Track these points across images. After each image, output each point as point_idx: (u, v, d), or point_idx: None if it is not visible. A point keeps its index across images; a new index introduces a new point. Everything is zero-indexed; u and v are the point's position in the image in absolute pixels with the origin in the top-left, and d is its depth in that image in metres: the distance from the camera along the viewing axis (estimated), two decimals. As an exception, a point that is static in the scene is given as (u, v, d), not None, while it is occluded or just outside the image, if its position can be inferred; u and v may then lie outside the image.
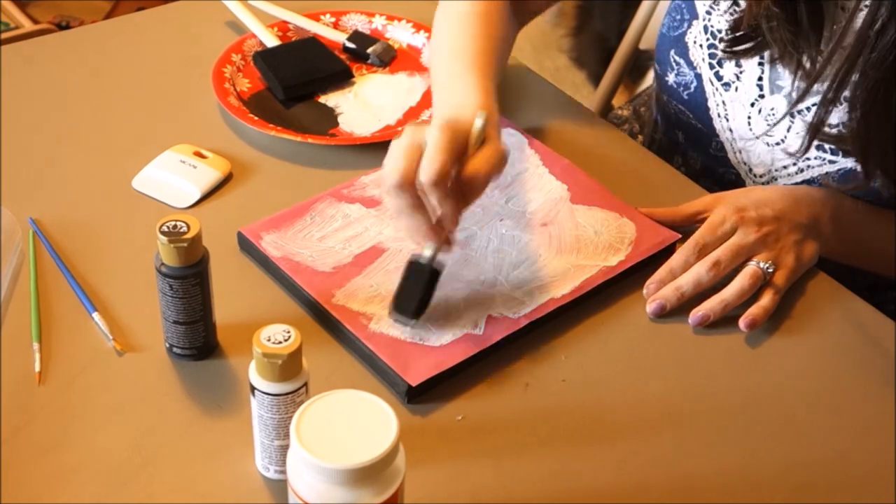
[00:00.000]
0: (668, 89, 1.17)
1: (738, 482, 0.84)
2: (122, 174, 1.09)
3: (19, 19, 2.15)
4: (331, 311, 0.92)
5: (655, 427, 0.87)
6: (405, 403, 0.87)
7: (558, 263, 0.99)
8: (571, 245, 1.01)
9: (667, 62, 1.16)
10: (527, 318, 0.93)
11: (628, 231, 1.02)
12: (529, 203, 1.05)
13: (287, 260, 0.97)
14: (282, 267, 0.97)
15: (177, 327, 0.88)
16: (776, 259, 0.98)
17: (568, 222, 1.03)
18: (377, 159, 1.12)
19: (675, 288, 0.96)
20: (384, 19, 1.32)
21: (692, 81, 1.13)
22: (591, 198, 1.06)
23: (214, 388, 0.89)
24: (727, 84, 1.10)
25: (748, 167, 1.12)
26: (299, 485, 0.70)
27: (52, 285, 0.97)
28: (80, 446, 0.84)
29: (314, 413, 0.70)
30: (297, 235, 1.00)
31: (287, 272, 0.96)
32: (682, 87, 1.14)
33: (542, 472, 0.84)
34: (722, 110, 1.11)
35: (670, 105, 1.18)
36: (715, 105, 1.12)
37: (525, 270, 0.98)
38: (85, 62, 1.27)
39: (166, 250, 0.84)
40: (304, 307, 0.95)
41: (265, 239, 0.99)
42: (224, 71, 1.22)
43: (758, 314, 0.95)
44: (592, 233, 1.02)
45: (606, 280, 0.97)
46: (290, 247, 0.99)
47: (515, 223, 1.03)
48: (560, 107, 1.22)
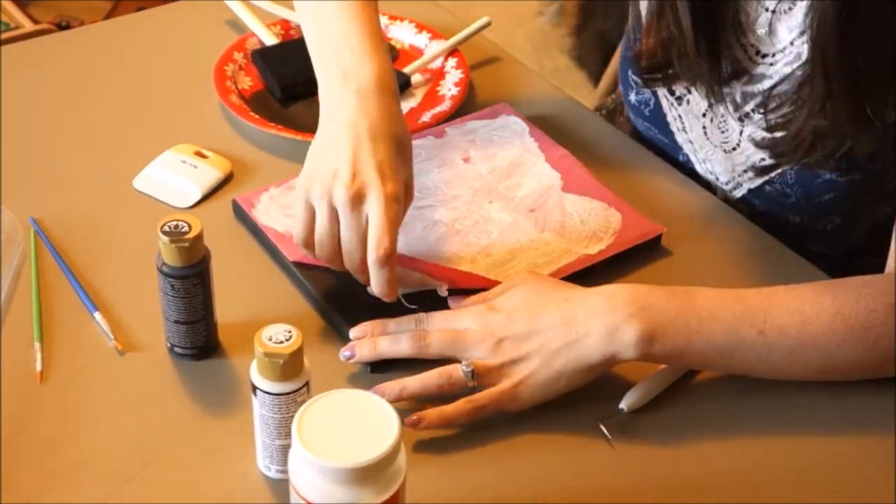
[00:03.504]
0: (633, 108, 1.18)
1: (739, 482, 0.84)
2: (122, 174, 1.09)
3: (19, 19, 2.15)
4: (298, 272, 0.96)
5: (656, 426, 0.87)
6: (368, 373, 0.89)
7: (538, 247, 1.00)
8: (555, 231, 1.02)
9: (627, 83, 1.17)
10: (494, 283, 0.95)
11: (614, 221, 1.02)
12: (521, 188, 1.07)
13: (273, 230, 1.00)
14: (269, 236, 1.00)
15: (178, 327, 0.88)
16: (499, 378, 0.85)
17: (555, 209, 1.04)
18: (378, 159, 1.13)
19: (371, 342, 0.89)
20: (386, 19, 1.31)
21: (650, 99, 1.14)
22: (582, 187, 1.06)
23: (215, 388, 0.89)
24: (679, 98, 1.10)
25: (715, 176, 1.12)
26: (301, 484, 0.69)
27: (53, 285, 0.97)
28: (81, 446, 0.84)
29: (316, 412, 0.70)
30: (290, 192, 1.03)
31: (273, 241, 0.99)
32: (643, 105, 1.15)
33: (542, 471, 0.84)
34: (679, 124, 1.12)
35: (638, 123, 1.19)
36: (673, 119, 1.12)
37: (504, 251, 0.99)
38: (85, 62, 1.27)
39: (168, 250, 0.84)
40: (307, 300, 0.96)
41: (258, 207, 1.03)
42: (226, 69, 1.22)
43: (428, 416, 0.84)
44: (578, 221, 1.03)
45: (584, 268, 0.98)
46: (284, 200, 1.02)
47: (504, 206, 1.04)
48: (560, 107, 1.22)
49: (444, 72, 1.25)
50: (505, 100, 1.19)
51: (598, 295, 0.87)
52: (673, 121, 1.12)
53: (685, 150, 1.14)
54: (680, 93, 1.10)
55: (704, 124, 1.09)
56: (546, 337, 0.85)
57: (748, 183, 1.08)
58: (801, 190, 1.04)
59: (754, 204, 1.09)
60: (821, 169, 1.00)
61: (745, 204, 1.10)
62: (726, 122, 1.07)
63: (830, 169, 1.00)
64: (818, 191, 1.03)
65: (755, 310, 0.85)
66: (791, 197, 1.05)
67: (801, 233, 1.08)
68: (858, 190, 1.01)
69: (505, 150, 1.11)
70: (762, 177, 1.06)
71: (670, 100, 1.11)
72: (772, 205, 1.08)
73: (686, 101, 1.10)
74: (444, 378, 0.86)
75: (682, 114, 1.11)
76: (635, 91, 1.15)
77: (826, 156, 0.97)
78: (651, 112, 1.14)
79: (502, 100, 1.19)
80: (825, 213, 1.06)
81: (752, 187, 1.08)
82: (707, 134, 1.09)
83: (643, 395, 0.88)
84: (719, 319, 0.85)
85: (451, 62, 1.25)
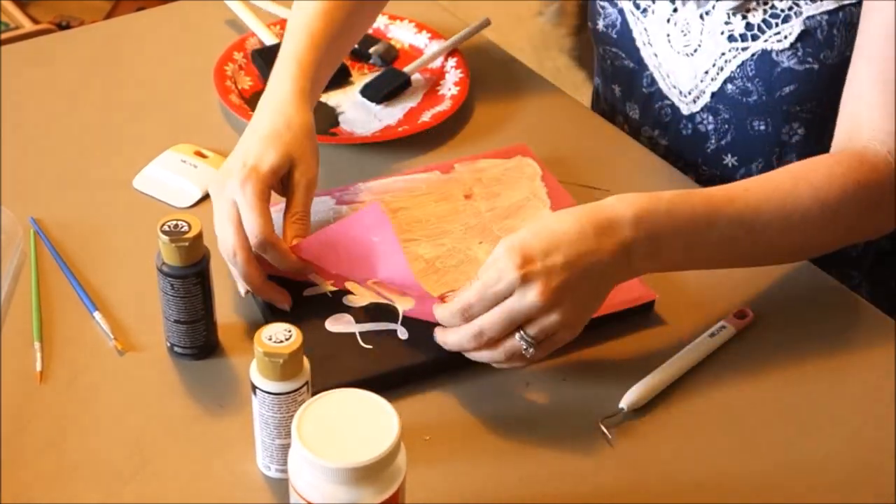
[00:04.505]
0: (600, 37, 1.22)
1: (739, 482, 0.84)
2: (122, 174, 1.09)
3: (19, 19, 2.15)
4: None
5: (656, 426, 0.87)
6: None
7: None
8: None
9: (595, 11, 1.21)
10: None
11: None
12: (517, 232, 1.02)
13: None
14: None
15: (178, 326, 0.88)
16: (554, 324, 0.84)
17: None
18: (377, 159, 1.13)
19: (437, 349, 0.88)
20: (386, 19, 1.32)
21: (617, 18, 1.18)
22: None
23: (215, 388, 0.89)
24: (644, 10, 1.15)
25: (678, 90, 1.16)
26: (301, 484, 0.69)
27: (53, 285, 0.97)
28: (81, 446, 0.84)
29: (315, 412, 0.70)
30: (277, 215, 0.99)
31: None
32: (611, 28, 1.19)
33: (542, 471, 0.84)
34: (645, 38, 1.16)
35: (607, 55, 1.23)
36: (639, 34, 1.17)
37: None
38: (85, 62, 1.27)
39: (167, 249, 0.84)
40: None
41: None
42: (226, 69, 1.22)
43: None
44: None
45: None
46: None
47: (493, 248, 0.98)
48: (560, 107, 1.22)
49: (444, 71, 1.25)
50: (504, 100, 1.19)
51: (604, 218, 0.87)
52: (638, 35, 1.17)
53: (650, 69, 1.18)
54: (644, 5, 1.15)
55: (668, 31, 1.14)
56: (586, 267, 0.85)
57: (710, 86, 1.13)
58: (761, 83, 1.09)
59: (719, 110, 1.14)
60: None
61: (710, 114, 1.15)
62: (688, 24, 1.12)
63: (787, 55, 1.06)
64: (778, 82, 1.08)
65: (745, 211, 0.90)
66: (752, 93, 1.10)
67: (767, 149, 1.13)
68: (816, 83, 1.07)
69: (511, 191, 1.06)
70: (722, 74, 1.11)
71: (636, 14, 1.16)
72: (736, 109, 1.12)
73: (651, 12, 1.14)
74: (507, 356, 0.85)
75: (647, 26, 1.15)
76: (602, 17, 1.19)
77: None
78: (618, 33, 1.18)
79: (502, 100, 1.19)
80: (788, 116, 1.10)
81: (714, 90, 1.12)
82: (670, 41, 1.14)
83: (643, 395, 0.88)
84: (714, 225, 0.89)
85: (451, 62, 1.25)
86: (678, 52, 1.14)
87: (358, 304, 0.94)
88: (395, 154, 1.13)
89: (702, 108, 1.15)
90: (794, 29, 1.06)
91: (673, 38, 1.14)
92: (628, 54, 1.19)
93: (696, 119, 1.17)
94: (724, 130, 1.15)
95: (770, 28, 1.07)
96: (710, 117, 1.15)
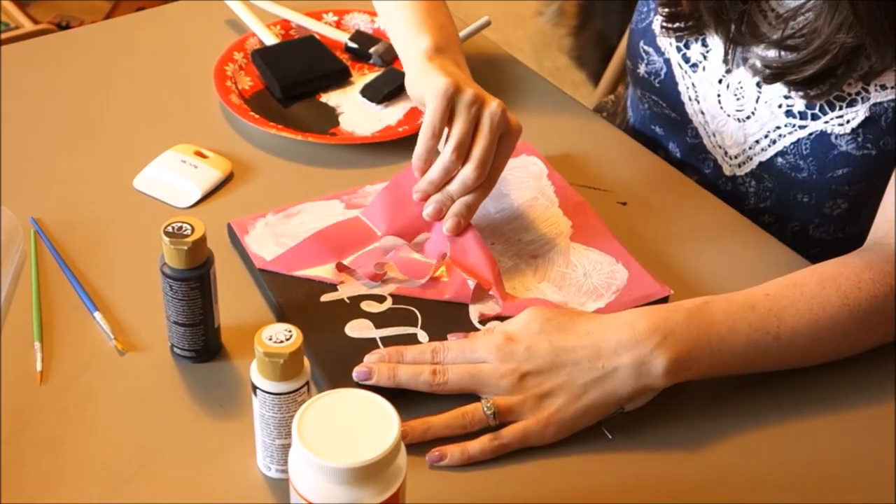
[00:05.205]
0: (641, 82, 1.17)
1: (739, 482, 0.84)
2: (123, 174, 1.09)
3: (19, 19, 2.16)
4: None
5: (656, 426, 0.87)
6: None
7: (531, 294, 0.95)
8: (554, 282, 0.97)
9: (637, 55, 1.16)
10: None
11: (618, 278, 0.96)
12: (527, 232, 1.02)
13: (261, 258, 0.98)
14: (256, 265, 0.97)
15: (177, 328, 0.88)
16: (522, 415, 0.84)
17: (559, 258, 0.99)
18: (378, 159, 1.13)
19: (391, 368, 0.86)
20: (385, 19, 1.32)
21: (662, 68, 1.14)
22: (591, 239, 1.00)
23: (216, 388, 0.89)
24: (694, 65, 1.10)
25: (723, 150, 1.12)
26: (301, 484, 0.69)
27: (53, 285, 0.97)
28: (81, 446, 0.84)
29: (316, 412, 0.70)
30: (286, 220, 1.01)
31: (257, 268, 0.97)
32: (654, 76, 1.15)
33: (542, 471, 0.83)
34: (692, 93, 1.12)
35: (645, 99, 1.19)
36: (685, 88, 1.12)
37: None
38: (85, 62, 1.27)
39: (169, 251, 0.84)
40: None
41: (251, 234, 1.00)
42: (226, 69, 1.22)
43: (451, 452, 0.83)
44: (581, 273, 0.97)
45: None
46: (279, 228, 1.00)
47: (506, 248, 1.00)
48: (560, 106, 1.22)
49: (444, 72, 1.25)
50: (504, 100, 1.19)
51: (618, 326, 0.85)
52: (685, 90, 1.12)
53: (695, 123, 1.13)
54: (695, 59, 1.10)
55: (719, 91, 1.09)
56: (571, 372, 0.84)
57: (759, 155, 1.08)
58: (814, 162, 1.04)
59: (763, 179, 1.09)
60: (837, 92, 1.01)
61: (753, 180, 1.10)
62: (742, 89, 1.07)
63: (847, 140, 1.01)
64: (832, 164, 1.03)
65: (768, 316, 0.87)
66: (803, 170, 1.05)
67: (806, 217, 1.09)
68: (871, 167, 1.02)
69: (518, 191, 1.06)
70: (774, 147, 1.06)
71: (684, 68, 1.11)
72: (781, 180, 1.08)
73: (702, 69, 1.09)
74: (466, 419, 0.84)
75: (695, 82, 1.11)
76: (646, 62, 1.14)
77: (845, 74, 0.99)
78: (661, 83, 1.14)
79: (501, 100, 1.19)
80: (835, 194, 1.07)
81: (763, 160, 1.08)
82: (721, 102, 1.09)
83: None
84: (737, 332, 0.86)
85: (451, 62, 1.25)
86: (728, 115, 1.09)
87: (377, 310, 0.94)
88: (395, 154, 1.13)
89: (745, 174, 1.11)
90: (859, 115, 1.00)
91: (724, 100, 1.09)
92: (671, 106, 1.15)
93: (737, 180, 1.13)
94: (765, 196, 1.11)
95: (833, 110, 1.02)
96: (753, 182, 1.11)
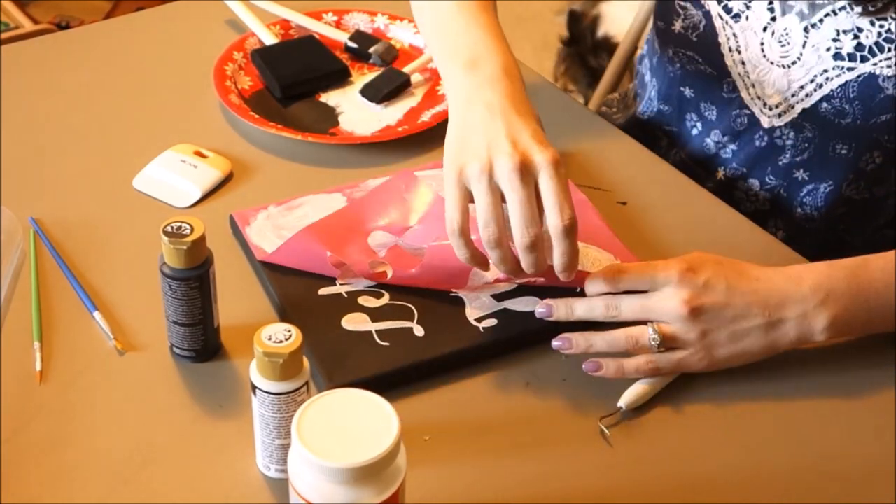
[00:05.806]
0: (676, 39, 1.15)
1: (739, 481, 0.84)
2: (122, 174, 1.09)
3: (19, 19, 2.15)
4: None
5: (656, 426, 0.87)
6: None
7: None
8: None
9: (672, 11, 1.14)
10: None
11: None
12: None
13: (262, 251, 0.98)
14: (257, 256, 0.98)
15: (176, 328, 0.88)
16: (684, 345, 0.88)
17: None
18: (377, 159, 1.13)
19: (567, 304, 0.89)
20: (386, 19, 1.32)
21: (701, 21, 1.12)
22: (591, 236, 0.99)
23: (216, 388, 0.89)
24: (737, 15, 1.10)
25: (763, 101, 1.11)
26: (300, 484, 0.69)
27: (52, 284, 0.97)
28: (81, 446, 0.84)
29: (315, 412, 0.70)
30: (288, 212, 1.02)
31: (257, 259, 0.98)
32: (691, 30, 1.13)
33: (542, 471, 0.84)
34: (733, 43, 1.11)
35: (677, 58, 1.17)
36: (725, 39, 1.11)
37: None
38: (85, 62, 1.27)
39: (168, 251, 0.84)
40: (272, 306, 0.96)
41: (252, 225, 1.00)
42: (226, 68, 1.22)
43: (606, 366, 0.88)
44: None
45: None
46: (280, 221, 1.00)
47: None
48: (560, 106, 1.22)
49: (443, 72, 1.25)
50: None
51: (784, 279, 0.89)
52: (725, 41, 1.11)
53: (733, 76, 1.13)
54: (738, 10, 1.09)
55: (763, 39, 1.08)
56: (739, 314, 0.87)
57: (802, 102, 1.08)
58: (860, 106, 1.04)
59: (804, 129, 1.09)
60: None
61: (792, 130, 1.10)
62: (788, 35, 1.07)
63: (894, 83, 1.02)
64: (877, 109, 1.04)
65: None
66: (848, 115, 1.06)
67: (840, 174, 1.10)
68: None
69: None
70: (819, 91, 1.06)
71: (725, 18, 1.10)
72: (823, 129, 1.08)
73: (745, 18, 1.09)
74: (630, 342, 0.88)
75: (737, 32, 1.10)
76: (682, 17, 1.13)
77: None
78: (699, 35, 1.12)
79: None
80: (874, 144, 1.07)
81: (807, 106, 1.08)
82: (764, 50, 1.09)
83: (642, 394, 0.88)
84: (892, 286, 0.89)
85: (451, 62, 1.25)
86: (772, 63, 1.09)
87: (374, 304, 0.94)
88: (395, 154, 1.13)
89: (786, 124, 1.11)
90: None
91: (768, 48, 1.08)
92: (708, 60, 1.13)
93: (774, 133, 1.12)
94: (803, 148, 1.11)
95: (882, 52, 1.01)
96: (791, 133, 1.11)
